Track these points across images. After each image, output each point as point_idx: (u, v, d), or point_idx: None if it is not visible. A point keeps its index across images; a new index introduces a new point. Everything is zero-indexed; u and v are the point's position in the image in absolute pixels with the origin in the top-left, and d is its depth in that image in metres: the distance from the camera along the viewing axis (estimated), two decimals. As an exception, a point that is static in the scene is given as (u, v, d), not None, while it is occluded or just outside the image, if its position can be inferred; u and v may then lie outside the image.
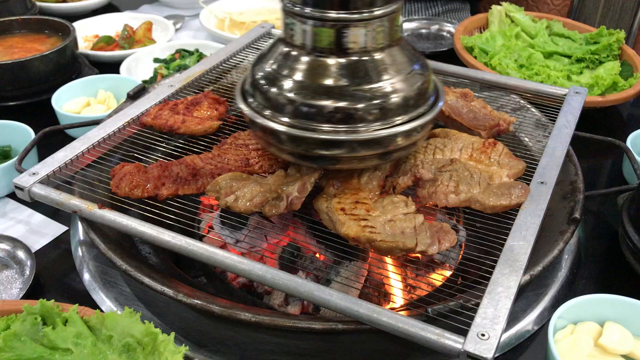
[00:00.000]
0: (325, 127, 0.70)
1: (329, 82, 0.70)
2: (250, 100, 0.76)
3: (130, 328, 0.64)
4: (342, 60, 0.71)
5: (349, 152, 0.71)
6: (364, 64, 0.71)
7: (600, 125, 1.14)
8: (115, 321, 0.65)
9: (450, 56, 1.29)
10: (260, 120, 0.73)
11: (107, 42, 1.38)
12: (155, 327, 0.62)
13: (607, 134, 0.98)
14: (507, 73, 1.19)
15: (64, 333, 0.63)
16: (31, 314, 0.66)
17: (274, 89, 0.72)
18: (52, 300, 0.66)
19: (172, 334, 0.62)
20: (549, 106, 0.99)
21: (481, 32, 1.38)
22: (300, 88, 0.71)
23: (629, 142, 0.99)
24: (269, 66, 0.74)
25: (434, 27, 1.49)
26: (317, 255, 0.87)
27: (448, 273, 0.85)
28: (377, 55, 0.71)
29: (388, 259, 0.85)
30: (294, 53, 0.73)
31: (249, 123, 0.78)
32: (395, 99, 0.71)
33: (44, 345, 0.63)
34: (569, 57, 1.28)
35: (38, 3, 1.51)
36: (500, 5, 1.42)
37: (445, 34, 1.48)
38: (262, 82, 0.74)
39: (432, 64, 1.07)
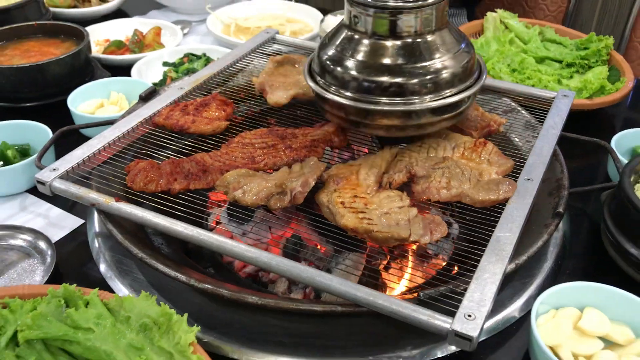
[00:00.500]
0: (384, 99, 0.82)
1: (387, 61, 0.82)
2: (318, 78, 0.88)
3: (147, 310, 0.70)
4: (398, 42, 0.82)
5: (405, 121, 0.84)
6: (418, 45, 0.83)
7: (588, 126, 1.20)
8: (132, 304, 0.70)
9: (447, 61, 1.34)
10: (327, 95, 0.85)
11: (117, 46, 1.44)
12: (169, 309, 0.67)
13: (594, 135, 1.03)
14: (499, 77, 1.25)
15: (86, 314, 0.69)
16: (55, 297, 0.71)
17: (339, 69, 0.84)
18: (74, 285, 0.72)
19: (185, 315, 0.67)
20: (539, 108, 1.05)
21: (477, 38, 1.43)
22: (363, 67, 0.83)
23: (613, 143, 1.05)
24: (334, 49, 0.86)
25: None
26: (319, 246, 0.92)
27: (442, 264, 0.91)
28: (429, 37, 0.83)
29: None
30: (357, 37, 0.84)
31: (317, 98, 0.90)
32: (445, 74, 0.83)
33: (68, 325, 0.68)
34: (560, 62, 1.34)
35: (51, 9, 1.57)
36: (496, 12, 1.48)
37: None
38: (329, 62, 0.86)
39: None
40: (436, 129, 0.88)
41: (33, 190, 1.03)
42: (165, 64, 1.39)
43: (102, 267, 0.88)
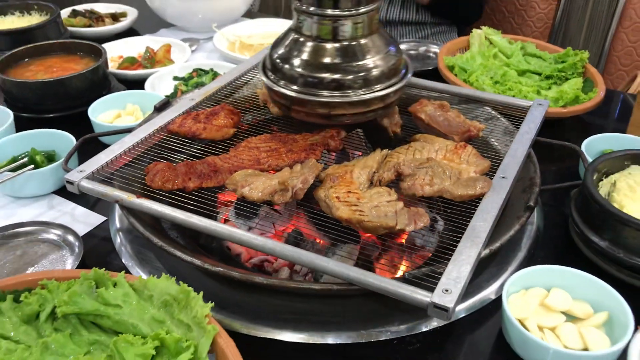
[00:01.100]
0: (325, 92, 0.97)
1: (327, 60, 0.97)
2: (269, 74, 1.03)
3: (167, 288, 0.79)
4: (337, 44, 0.97)
5: (342, 110, 0.99)
6: (353, 47, 0.98)
7: (563, 132, 1.31)
8: (154, 284, 0.80)
9: (435, 74, 1.46)
10: (277, 88, 1.00)
11: (131, 62, 1.56)
12: (185, 290, 0.78)
13: (569, 140, 1.14)
14: (482, 88, 1.36)
15: (114, 293, 0.79)
16: (87, 279, 0.81)
17: (287, 66, 0.99)
18: (103, 269, 0.82)
19: (201, 293, 0.78)
20: (517, 116, 1.15)
21: (463, 53, 1.55)
22: (306, 64, 0.98)
23: (583, 147, 1.16)
24: (283, 49, 1.01)
25: (422, 49, 1.67)
26: (317, 240, 1.03)
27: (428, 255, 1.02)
28: (362, 41, 0.98)
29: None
30: (302, 39, 0.99)
31: (268, 90, 1.05)
32: (375, 72, 0.98)
33: (99, 302, 0.79)
34: (540, 74, 1.46)
35: (69, 28, 1.69)
36: (481, 28, 1.60)
37: (431, 54, 1.65)
38: (278, 60, 1.01)
39: (419, 81, 1.25)
40: (366, 119, 1.03)
41: (59, 192, 1.14)
42: (175, 78, 1.50)
43: (124, 258, 0.98)
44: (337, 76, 0.97)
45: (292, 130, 1.12)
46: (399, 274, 0.96)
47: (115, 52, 1.64)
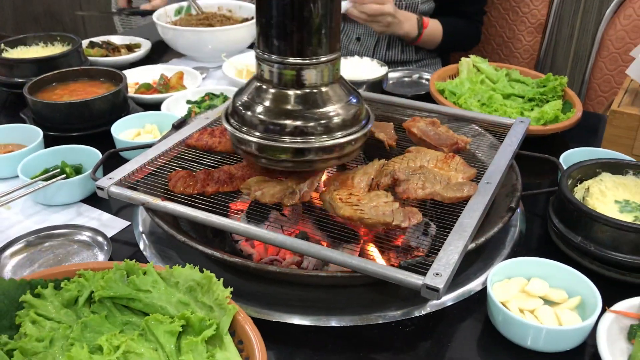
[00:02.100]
0: (287, 139, 0.99)
1: (288, 107, 0.99)
2: (232, 121, 1.04)
3: (192, 275, 0.89)
4: (299, 92, 0.99)
5: (303, 157, 1.00)
6: (314, 95, 1.00)
7: (544, 148, 1.43)
8: (180, 272, 0.90)
9: (427, 98, 1.59)
10: (239, 135, 1.02)
11: (146, 88, 1.69)
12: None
13: (549, 154, 1.26)
14: (470, 110, 1.49)
15: (144, 280, 0.89)
16: (119, 269, 0.91)
17: (249, 113, 1.01)
18: (134, 260, 0.93)
19: (222, 279, 0.88)
20: (501, 133, 1.28)
21: (453, 79, 1.69)
22: (267, 111, 1.00)
23: (561, 159, 1.28)
24: (246, 97, 1.03)
25: (415, 75, 1.81)
26: (321, 241, 1.14)
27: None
28: (324, 89, 1.00)
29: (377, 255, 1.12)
30: (264, 87, 1.01)
31: (231, 137, 1.06)
32: (336, 120, 1.00)
33: (131, 288, 0.89)
34: (523, 97, 1.59)
35: (89, 57, 1.83)
36: (469, 57, 1.74)
37: (423, 81, 1.79)
38: (241, 108, 1.03)
39: (413, 102, 1.37)
40: (327, 166, 1.05)
41: (86, 200, 1.25)
42: (189, 102, 1.63)
43: (148, 256, 1.09)
44: (298, 123, 0.98)
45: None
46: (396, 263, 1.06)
47: (131, 79, 1.77)
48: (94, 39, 2.00)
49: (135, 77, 1.78)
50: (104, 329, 0.85)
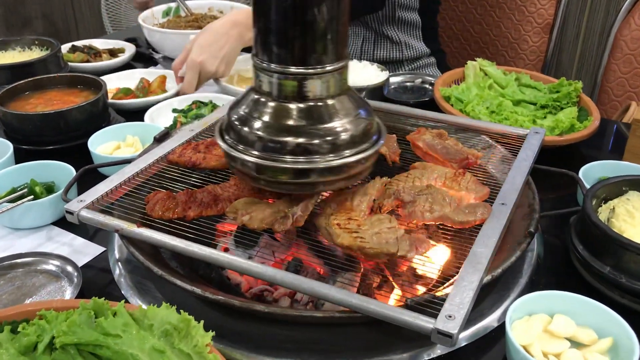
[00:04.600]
0: (288, 158, 0.86)
1: (290, 122, 0.87)
2: (227, 137, 0.93)
3: (168, 317, 0.78)
4: (302, 105, 0.87)
5: (306, 178, 0.88)
6: (319, 108, 0.88)
7: (560, 160, 1.32)
8: (154, 313, 0.79)
9: (431, 105, 1.47)
10: (235, 153, 0.90)
11: (125, 93, 1.57)
12: (185, 319, 0.77)
13: (565, 167, 1.15)
14: (479, 118, 1.38)
15: (114, 322, 0.78)
16: (86, 309, 0.80)
17: (245, 128, 0.89)
18: (103, 298, 0.81)
19: (202, 322, 0.77)
20: (514, 144, 1.17)
21: (459, 84, 1.57)
22: (267, 127, 0.88)
23: (581, 174, 1.16)
24: (242, 110, 0.92)
25: (418, 80, 1.69)
26: (317, 268, 1.02)
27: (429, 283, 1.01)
28: (329, 102, 0.88)
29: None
30: (263, 99, 0.90)
31: (226, 156, 0.94)
32: (344, 136, 0.88)
33: (98, 332, 0.77)
34: (535, 104, 1.47)
35: (69, 63, 1.71)
36: (476, 60, 1.62)
37: (427, 86, 1.68)
38: (236, 123, 0.91)
39: (416, 111, 1.26)
40: (334, 188, 0.93)
41: (58, 223, 1.13)
42: (174, 110, 1.51)
43: (123, 289, 0.97)
44: (301, 140, 0.86)
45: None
46: (401, 300, 0.95)
47: (113, 84, 1.65)
48: (77, 43, 1.89)
49: (117, 83, 1.67)
50: (66, 382, 0.74)
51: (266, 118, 0.89)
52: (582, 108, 1.44)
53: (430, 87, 1.66)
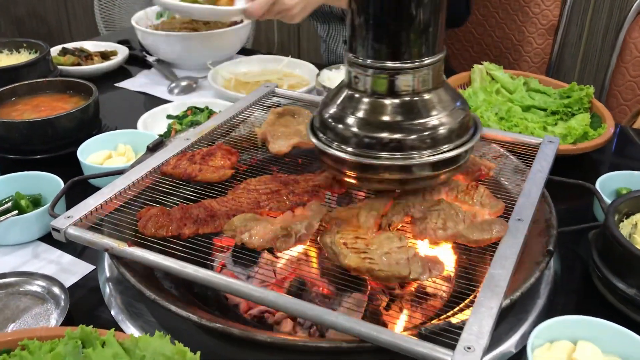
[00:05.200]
0: (384, 154, 0.85)
1: (386, 118, 0.86)
2: (320, 135, 0.91)
3: (161, 348, 0.72)
4: (397, 100, 0.86)
5: (405, 175, 0.87)
6: (415, 103, 0.86)
7: (573, 170, 1.26)
8: (147, 343, 0.73)
9: (437, 110, 1.41)
10: (331, 151, 0.88)
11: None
12: (181, 349, 0.71)
13: (579, 178, 1.09)
14: (488, 125, 1.32)
15: (103, 354, 0.71)
16: (72, 338, 0.74)
17: (340, 125, 0.88)
18: (91, 326, 0.75)
19: (199, 353, 0.71)
20: (526, 154, 1.11)
21: (465, 89, 1.51)
22: (363, 124, 0.86)
23: (598, 185, 1.11)
24: (336, 107, 0.90)
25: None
26: (321, 288, 0.96)
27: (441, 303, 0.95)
28: (426, 96, 0.87)
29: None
30: (357, 96, 0.88)
31: (319, 154, 0.93)
32: (442, 130, 0.86)
33: (85, 364, 0.71)
34: (545, 110, 1.42)
35: (59, 66, 1.64)
36: (482, 64, 1.56)
37: (432, 90, 1.61)
38: (330, 120, 0.89)
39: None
40: (434, 184, 0.92)
41: (44, 238, 1.07)
42: (169, 116, 1.45)
43: (114, 311, 0.91)
44: (398, 136, 0.85)
45: (292, 170, 1.06)
46: (414, 328, 0.89)
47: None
48: (68, 45, 1.82)
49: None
50: (50, 421, 0.67)
51: (361, 114, 0.87)
52: (594, 114, 1.38)
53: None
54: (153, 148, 1.12)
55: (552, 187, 1.03)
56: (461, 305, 0.88)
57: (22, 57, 1.61)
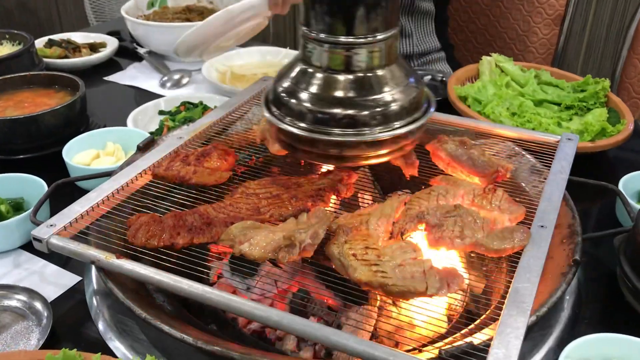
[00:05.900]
0: (337, 130, 0.84)
1: (339, 94, 0.85)
2: (274, 109, 0.90)
3: (153, 375, 0.65)
4: (351, 76, 0.85)
5: (356, 151, 0.87)
6: (369, 79, 0.86)
7: (592, 169, 1.19)
8: (137, 369, 0.66)
9: (444, 105, 1.34)
10: (283, 126, 0.87)
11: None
12: (178, 373, 0.63)
13: (597, 177, 1.02)
14: (500, 121, 1.24)
15: (87, 382, 0.65)
16: (54, 363, 0.67)
17: (294, 100, 0.87)
18: (74, 350, 0.67)
19: (194, 380, 0.64)
20: (543, 152, 1.03)
21: (473, 82, 1.44)
22: (316, 99, 0.86)
23: (620, 186, 1.04)
24: (289, 81, 0.89)
25: (427, 78, 1.55)
26: (326, 300, 0.89)
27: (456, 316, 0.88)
28: (379, 72, 0.86)
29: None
30: (311, 70, 0.87)
31: (273, 128, 0.93)
32: (394, 106, 0.85)
33: (68, 394, 0.64)
34: (558, 104, 1.34)
35: (44, 59, 1.56)
36: (490, 55, 1.49)
37: (437, 84, 1.54)
38: (284, 94, 0.89)
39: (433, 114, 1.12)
40: (384, 160, 0.91)
41: (27, 247, 0.99)
42: (161, 112, 1.37)
43: (101, 327, 0.84)
44: (351, 112, 0.84)
45: (295, 172, 0.99)
46: (432, 348, 0.82)
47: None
48: (55, 37, 1.73)
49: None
50: None
51: (314, 89, 0.86)
52: (611, 109, 1.31)
53: (442, 85, 1.52)
54: (144, 147, 1.04)
55: (570, 188, 0.95)
56: (482, 318, 0.81)
57: (4, 50, 1.53)
